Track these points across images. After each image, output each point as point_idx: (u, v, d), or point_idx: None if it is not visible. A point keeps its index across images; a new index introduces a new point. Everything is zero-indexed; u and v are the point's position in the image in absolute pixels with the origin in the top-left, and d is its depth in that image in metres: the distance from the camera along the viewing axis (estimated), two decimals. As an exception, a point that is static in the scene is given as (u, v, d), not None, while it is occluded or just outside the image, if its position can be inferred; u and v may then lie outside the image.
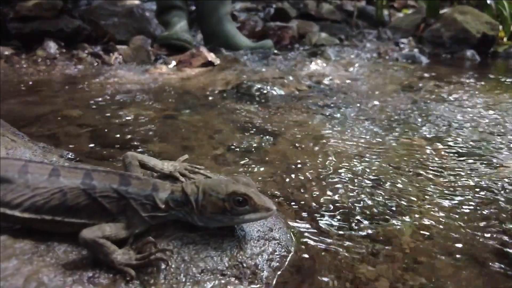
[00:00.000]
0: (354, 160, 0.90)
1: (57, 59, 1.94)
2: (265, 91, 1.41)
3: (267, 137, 1.03)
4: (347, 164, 0.87)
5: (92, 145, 0.93)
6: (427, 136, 1.06)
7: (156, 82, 1.60)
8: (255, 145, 0.97)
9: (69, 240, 0.45)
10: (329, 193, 0.76)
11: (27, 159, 0.55)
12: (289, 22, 2.66)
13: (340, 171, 0.84)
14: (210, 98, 1.38)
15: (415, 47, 2.53)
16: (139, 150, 0.90)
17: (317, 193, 0.75)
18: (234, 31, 2.34)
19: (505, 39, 2.82)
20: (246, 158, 0.90)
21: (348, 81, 1.66)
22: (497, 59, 2.54)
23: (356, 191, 0.77)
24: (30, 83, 1.55)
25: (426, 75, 1.82)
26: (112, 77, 1.66)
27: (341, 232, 0.64)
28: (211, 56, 1.99)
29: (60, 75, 1.70)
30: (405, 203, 0.74)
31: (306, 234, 0.62)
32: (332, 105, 1.32)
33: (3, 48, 1.97)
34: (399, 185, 0.80)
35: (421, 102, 1.38)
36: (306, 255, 0.55)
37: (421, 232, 0.65)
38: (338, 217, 0.68)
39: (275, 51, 2.21)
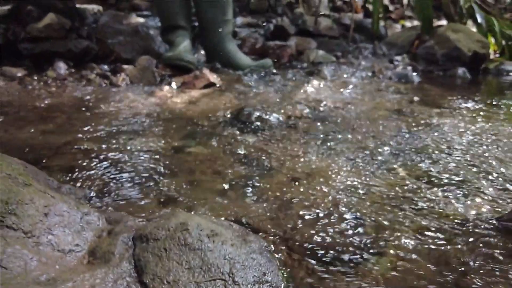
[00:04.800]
0: (343, 195, 1.01)
1: (67, 80, 2.05)
2: (264, 119, 1.52)
3: (266, 170, 1.14)
4: (335, 199, 0.99)
5: (108, 181, 1.04)
6: (412, 167, 1.17)
7: (161, 106, 1.71)
8: (255, 179, 1.08)
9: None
10: (319, 230, 0.87)
11: None
12: (288, 39, 2.77)
13: (330, 207, 0.95)
14: (213, 126, 1.48)
15: (409, 64, 2.64)
16: (148, 185, 1.02)
17: (309, 230, 0.86)
18: (234, 50, 2.44)
19: (495, 56, 2.93)
20: (246, 194, 1.01)
21: (341, 105, 1.77)
22: (488, 75, 2.65)
23: (345, 227, 0.88)
24: (44, 107, 1.66)
25: (416, 98, 1.92)
26: (120, 101, 1.77)
27: (330, 269, 0.75)
28: (213, 77, 2.10)
29: (71, 98, 1.81)
30: (391, 240, 0.85)
31: (295, 272, 0.73)
32: (325, 134, 1.43)
33: (16, 69, 2.07)
34: (384, 221, 0.91)
35: (408, 129, 1.48)
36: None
37: (398, 268, 0.77)
38: (328, 255, 0.79)
39: (274, 71, 2.32)
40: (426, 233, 0.88)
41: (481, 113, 1.73)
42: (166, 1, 2.38)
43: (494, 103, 1.90)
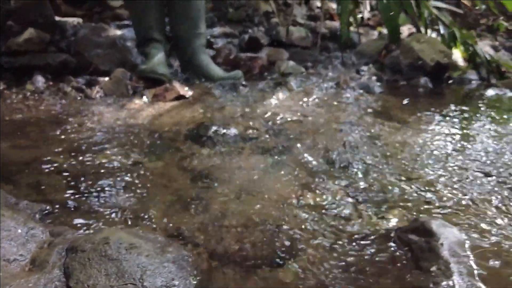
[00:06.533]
0: (276, 208, 1.14)
1: (44, 94, 2.17)
2: (221, 133, 1.65)
3: (212, 184, 1.27)
4: (267, 212, 1.12)
5: (66, 196, 1.17)
6: (345, 181, 1.31)
7: (129, 120, 1.84)
8: (200, 193, 1.22)
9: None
10: (245, 241, 1.00)
11: None
12: (261, 50, 2.90)
13: (260, 219, 1.09)
14: (173, 140, 1.61)
15: (375, 74, 2.78)
16: (100, 200, 1.14)
17: (235, 241, 0.99)
18: (207, 61, 2.57)
19: (465, 64, 3.06)
20: (191, 208, 1.14)
21: (298, 118, 1.90)
22: (451, 85, 2.79)
23: (269, 238, 1.01)
24: (19, 121, 1.78)
25: (370, 110, 2.06)
26: (92, 114, 1.90)
27: (244, 275, 0.89)
28: (183, 90, 2.23)
29: (46, 112, 1.93)
30: (307, 249, 0.98)
31: (212, 277, 0.86)
32: (275, 147, 1.56)
33: (-4, 83, 2.20)
34: (304, 231, 1.04)
35: (354, 143, 1.62)
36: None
37: (306, 276, 0.90)
38: (246, 262, 0.92)
39: (244, 83, 2.45)
40: (338, 243, 1.01)
41: (430, 124, 1.87)
42: (141, 15, 2.51)
43: (445, 113, 2.03)
